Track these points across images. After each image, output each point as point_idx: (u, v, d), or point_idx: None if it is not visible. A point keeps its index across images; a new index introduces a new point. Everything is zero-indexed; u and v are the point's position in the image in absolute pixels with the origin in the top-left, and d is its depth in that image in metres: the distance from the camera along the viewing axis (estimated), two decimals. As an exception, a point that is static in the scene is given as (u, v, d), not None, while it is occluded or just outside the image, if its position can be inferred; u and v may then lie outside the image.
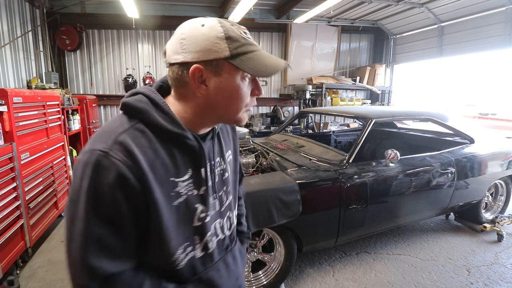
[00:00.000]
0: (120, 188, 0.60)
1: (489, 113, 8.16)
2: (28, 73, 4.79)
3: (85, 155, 0.62)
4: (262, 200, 1.91)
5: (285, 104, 7.09)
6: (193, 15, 5.91)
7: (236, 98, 0.70)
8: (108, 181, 0.59)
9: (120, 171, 0.60)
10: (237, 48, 0.65)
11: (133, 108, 0.68)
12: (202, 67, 0.65)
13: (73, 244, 0.61)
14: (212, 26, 0.65)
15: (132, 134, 0.64)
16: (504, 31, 4.95)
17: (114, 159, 0.60)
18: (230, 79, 0.68)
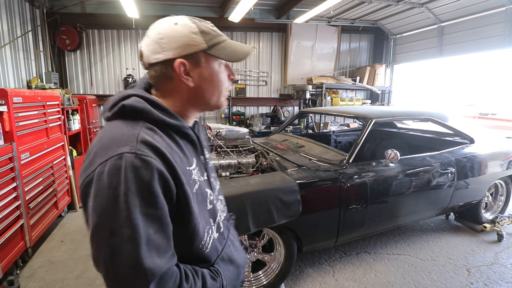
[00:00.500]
0: (160, 185, 0.62)
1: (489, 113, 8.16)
2: (28, 73, 4.79)
3: (111, 162, 0.60)
4: (262, 200, 1.91)
5: (285, 104, 7.09)
6: (193, 15, 5.86)
7: (218, 83, 0.79)
8: (151, 179, 0.60)
9: (158, 168, 0.62)
10: (212, 40, 0.74)
11: (136, 109, 0.69)
12: (185, 60, 0.72)
13: (122, 255, 0.59)
14: (185, 23, 0.72)
15: (147, 133, 0.67)
16: (504, 31, 4.95)
17: (147, 157, 0.61)
18: (210, 67, 0.76)
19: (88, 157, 0.66)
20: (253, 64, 7.04)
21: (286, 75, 7.15)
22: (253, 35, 6.91)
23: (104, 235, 0.60)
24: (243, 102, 7.08)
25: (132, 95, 0.72)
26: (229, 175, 2.52)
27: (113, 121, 0.71)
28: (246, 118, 7.05)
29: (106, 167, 0.60)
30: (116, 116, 0.71)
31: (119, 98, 0.72)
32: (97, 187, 0.60)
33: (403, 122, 4.53)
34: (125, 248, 0.58)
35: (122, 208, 0.58)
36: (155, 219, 0.62)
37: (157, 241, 0.62)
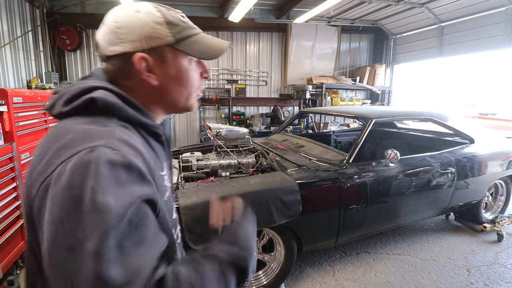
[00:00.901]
0: (141, 186, 0.51)
1: (489, 113, 8.17)
2: (28, 73, 4.79)
3: (77, 157, 0.47)
4: (262, 200, 1.91)
5: (285, 104, 7.09)
6: (193, 15, 5.92)
7: (187, 82, 0.68)
8: (133, 179, 0.50)
9: (137, 166, 0.51)
10: (180, 33, 0.64)
11: (108, 104, 0.58)
12: (146, 55, 0.61)
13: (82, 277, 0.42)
14: (148, 11, 0.61)
15: (124, 131, 0.57)
16: (504, 31, 4.95)
17: (128, 155, 0.51)
18: (177, 64, 0.65)
19: (40, 161, 0.52)
20: (253, 64, 7.04)
21: (286, 75, 7.15)
22: (253, 35, 6.91)
23: (60, 254, 0.44)
24: (243, 102, 7.08)
25: (97, 87, 0.59)
26: (229, 175, 2.52)
27: (72, 118, 0.57)
28: (246, 118, 7.05)
29: (68, 165, 0.46)
30: (77, 112, 0.57)
31: (80, 90, 0.58)
32: (53, 191, 0.46)
33: (403, 122, 4.53)
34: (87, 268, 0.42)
35: (86, 213, 0.43)
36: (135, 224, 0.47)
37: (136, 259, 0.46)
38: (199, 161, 2.59)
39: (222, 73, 6.87)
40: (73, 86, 0.60)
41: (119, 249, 0.44)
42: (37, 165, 0.53)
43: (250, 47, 6.94)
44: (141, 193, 0.50)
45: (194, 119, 6.92)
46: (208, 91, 6.77)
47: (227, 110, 6.91)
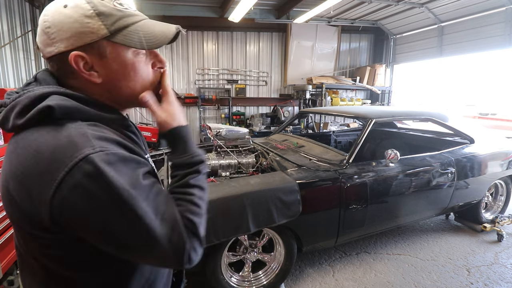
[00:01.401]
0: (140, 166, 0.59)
1: (489, 113, 8.16)
2: (28, 73, 4.79)
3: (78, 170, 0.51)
4: (262, 200, 1.91)
5: (285, 104, 7.09)
6: (193, 15, 5.92)
7: (135, 76, 0.63)
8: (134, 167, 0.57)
9: (131, 157, 0.58)
10: (115, 23, 0.58)
11: (68, 109, 0.56)
12: (82, 53, 0.58)
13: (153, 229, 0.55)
14: (76, 4, 0.57)
15: (95, 129, 0.57)
16: (504, 31, 4.95)
17: (113, 150, 0.55)
18: (119, 58, 0.61)
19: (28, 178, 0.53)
20: (253, 64, 7.04)
21: (286, 75, 7.15)
22: (253, 35, 6.91)
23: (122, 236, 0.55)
24: (243, 102, 7.08)
25: (48, 93, 0.56)
26: (229, 175, 2.52)
27: (31, 130, 0.55)
28: (246, 118, 7.05)
29: (77, 177, 0.50)
30: (35, 123, 0.55)
31: (31, 100, 0.56)
32: (83, 200, 0.51)
33: (403, 122, 4.53)
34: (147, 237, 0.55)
35: (124, 207, 0.53)
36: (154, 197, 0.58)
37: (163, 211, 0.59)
38: None
39: (222, 73, 6.87)
40: (22, 96, 0.57)
41: (155, 214, 0.56)
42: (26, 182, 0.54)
43: (250, 47, 6.94)
44: (143, 170, 0.59)
45: (194, 119, 6.91)
46: (208, 91, 6.77)
47: (227, 110, 6.91)
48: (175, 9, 5.81)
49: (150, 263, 0.64)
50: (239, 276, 2.23)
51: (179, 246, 0.58)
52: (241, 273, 2.25)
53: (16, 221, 0.60)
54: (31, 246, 0.61)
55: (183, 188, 0.66)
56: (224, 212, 1.81)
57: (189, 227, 0.61)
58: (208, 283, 2.10)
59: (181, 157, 0.69)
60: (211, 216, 1.77)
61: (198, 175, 0.69)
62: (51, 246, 0.59)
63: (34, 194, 0.53)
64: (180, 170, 0.68)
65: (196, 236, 0.62)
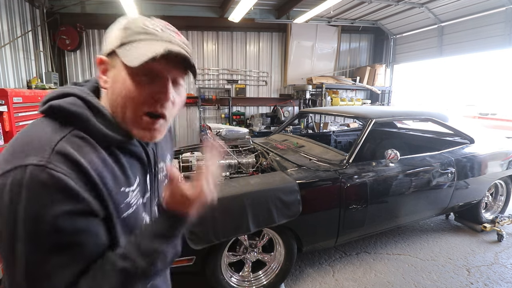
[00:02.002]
0: (72, 206, 0.52)
1: (489, 113, 8.16)
2: (28, 73, 4.79)
3: (14, 174, 0.50)
4: (262, 200, 1.91)
5: (285, 104, 7.09)
6: (193, 15, 5.92)
7: (124, 95, 0.60)
8: (59, 201, 0.51)
9: (70, 186, 0.51)
10: (127, 37, 0.60)
11: (68, 113, 0.58)
12: (105, 58, 0.63)
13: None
14: (122, 20, 0.64)
15: (72, 142, 0.55)
16: (504, 31, 4.95)
17: (56, 172, 0.51)
18: (120, 72, 0.61)
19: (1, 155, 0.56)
20: (253, 64, 7.04)
21: (286, 75, 7.15)
22: (253, 35, 6.91)
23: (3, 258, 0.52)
24: (243, 102, 7.08)
25: (71, 94, 0.61)
26: (229, 175, 2.52)
27: (42, 119, 0.60)
28: (246, 118, 7.05)
29: (8, 180, 0.50)
30: (47, 115, 0.60)
31: (56, 95, 0.61)
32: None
33: (403, 122, 4.53)
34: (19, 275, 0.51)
35: (19, 235, 0.49)
36: (60, 249, 0.52)
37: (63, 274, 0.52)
38: (199, 161, 2.59)
39: (222, 73, 6.87)
40: (57, 89, 0.64)
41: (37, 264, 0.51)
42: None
43: (250, 47, 6.94)
44: (68, 209, 0.52)
45: (194, 119, 6.92)
46: (208, 91, 6.77)
47: (227, 110, 6.91)
48: (175, 9, 5.82)
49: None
50: (239, 276, 2.23)
51: None
52: (241, 273, 2.25)
53: None
54: None
55: (111, 273, 0.56)
56: (224, 212, 1.81)
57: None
58: (208, 283, 2.10)
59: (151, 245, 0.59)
60: (211, 216, 1.78)
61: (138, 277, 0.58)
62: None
63: None
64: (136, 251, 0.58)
65: None
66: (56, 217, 0.50)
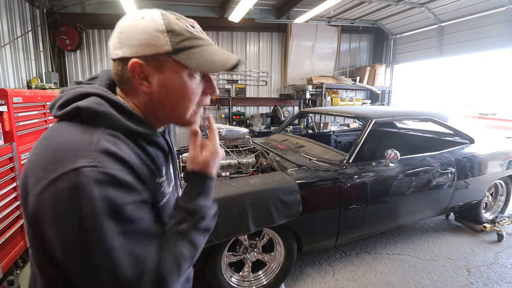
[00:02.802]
0: (131, 197, 0.55)
1: (489, 113, 8.15)
2: (28, 73, 4.79)
3: (67, 180, 0.50)
4: (262, 200, 1.91)
5: (285, 104, 7.09)
6: (193, 15, 5.92)
7: (183, 97, 0.65)
8: (121, 194, 0.53)
9: (125, 180, 0.54)
10: (181, 43, 0.61)
11: (95, 113, 0.58)
12: (142, 62, 0.61)
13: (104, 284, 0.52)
14: (152, 18, 0.61)
15: (109, 141, 0.57)
16: (504, 31, 4.95)
17: (108, 170, 0.52)
18: (175, 76, 0.63)
19: (33, 167, 0.55)
20: (253, 64, 7.04)
21: (286, 75, 7.15)
22: (253, 35, 6.91)
23: (79, 264, 0.52)
24: (243, 102, 7.08)
25: (91, 94, 0.61)
26: (229, 175, 2.52)
27: (63, 123, 0.59)
28: (246, 118, 7.05)
29: (63, 185, 0.50)
30: (67, 118, 0.59)
31: (74, 96, 0.60)
32: (55, 212, 0.50)
33: (403, 122, 4.53)
34: (106, 277, 0.52)
35: (92, 235, 0.50)
36: (134, 233, 0.55)
37: (138, 253, 0.55)
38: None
39: (222, 73, 6.87)
40: (72, 90, 0.62)
41: (126, 253, 0.53)
42: (29, 170, 0.56)
43: (250, 47, 6.94)
44: (134, 199, 0.56)
45: (194, 119, 6.91)
46: (208, 91, 6.77)
47: (227, 110, 6.91)
48: (175, 9, 5.73)
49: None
50: (239, 276, 2.23)
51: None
52: (241, 273, 2.25)
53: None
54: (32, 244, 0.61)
55: (177, 238, 0.63)
56: (224, 212, 1.81)
57: (156, 284, 0.56)
58: (208, 283, 2.10)
59: (189, 203, 0.67)
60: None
61: (197, 230, 0.65)
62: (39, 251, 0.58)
63: (29, 186, 0.54)
64: (180, 214, 0.66)
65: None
66: (123, 208, 0.53)
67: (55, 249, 0.53)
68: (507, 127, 6.89)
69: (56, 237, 0.52)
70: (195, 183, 0.69)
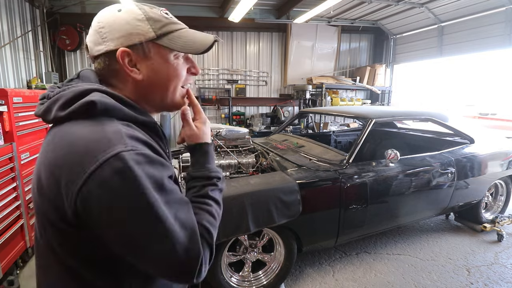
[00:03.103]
0: (166, 173, 0.61)
1: (489, 113, 8.15)
2: (28, 73, 4.79)
3: (109, 165, 0.52)
4: (262, 200, 1.91)
5: (285, 104, 7.09)
6: (193, 15, 5.92)
7: (173, 77, 0.70)
8: (160, 171, 0.59)
9: (156, 158, 0.60)
10: (162, 28, 0.65)
11: (107, 106, 0.60)
12: (129, 50, 0.64)
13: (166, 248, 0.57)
14: (130, 9, 0.65)
15: (127, 129, 0.61)
16: (504, 31, 4.95)
17: (142, 151, 0.57)
18: (162, 60, 0.67)
19: (60, 165, 0.56)
20: (253, 64, 7.04)
21: (286, 75, 7.15)
22: (253, 35, 6.91)
23: (142, 241, 0.56)
24: (243, 102, 7.08)
25: (92, 89, 0.61)
26: (229, 175, 2.52)
27: (71, 123, 0.59)
28: (246, 118, 7.05)
29: (106, 173, 0.52)
30: (76, 116, 0.59)
31: (74, 95, 0.60)
32: (106, 198, 0.53)
33: (403, 122, 4.53)
34: (165, 241, 0.56)
35: (147, 209, 0.54)
36: (174, 201, 0.61)
37: (183, 217, 0.61)
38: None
39: (222, 73, 6.87)
40: (66, 90, 0.62)
41: (175, 219, 0.58)
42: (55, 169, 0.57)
43: (250, 47, 6.94)
44: (167, 173, 0.61)
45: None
46: (208, 91, 6.77)
47: (227, 110, 6.91)
48: (175, 9, 5.81)
49: (161, 272, 0.60)
50: (239, 276, 2.23)
51: (194, 256, 0.60)
52: (241, 273, 2.25)
53: (43, 212, 0.61)
54: (52, 239, 0.62)
55: (202, 198, 0.72)
56: (224, 212, 1.80)
57: (205, 237, 0.64)
58: (208, 283, 2.10)
59: (202, 170, 0.76)
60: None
61: (216, 189, 0.75)
62: (71, 241, 0.60)
63: (62, 184, 0.55)
64: (199, 182, 0.75)
65: (210, 247, 0.65)
66: (162, 181, 0.58)
67: (109, 235, 0.56)
68: (507, 127, 6.89)
69: (112, 221, 0.55)
70: (200, 155, 0.78)
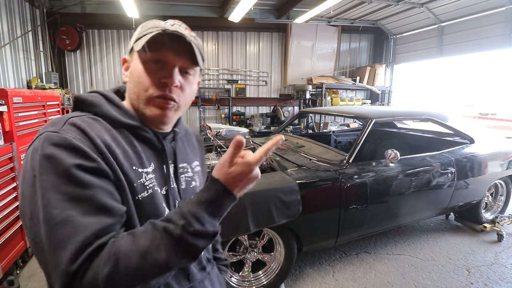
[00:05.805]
0: (82, 162, 0.57)
1: (489, 113, 8.15)
2: (28, 73, 4.79)
3: (35, 142, 0.61)
4: (262, 200, 1.91)
5: (285, 104, 7.09)
6: (193, 15, 5.92)
7: (137, 80, 0.70)
8: (68, 157, 0.57)
9: (77, 145, 0.58)
10: (142, 33, 0.71)
11: (85, 101, 0.70)
12: (127, 57, 0.76)
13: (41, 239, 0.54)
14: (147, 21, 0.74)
15: (84, 120, 0.65)
16: (504, 31, 4.95)
17: (67, 135, 0.59)
18: (136, 61, 0.72)
19: None
20: (253, 64, 7.04)
21: (286, 75, 7.15)
22: (253, 35, 6.91)
23: (25, 217, 0.57)
24: (243, 102, 7.08)
25: (94, 91, 0.74)
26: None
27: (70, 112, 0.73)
28: (246, 118, 7.05)
29: (30, 148, 0.61)
30: (72, 109, 0.73)
31: (86, 92, 0.75)
32: (23, 168, 0.61)
33: (403, 122, 4.53)
34: (42, 232, 0.53)
35: (37, 190, 0.55)
36: (76, 196, 0.55)
37: (84, 222, 0.54)
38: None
39: (222, 73, 6.87)
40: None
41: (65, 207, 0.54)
42: None
43: (250, 47, 6.94)
44: (77, 162, 0.57)
45: (194, 119, 6.92)
46: (208, 91, 6.77)
47: (227, 110, 6.91)
48: (175, 9, 5.82)
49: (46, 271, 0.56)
50: (239, 276, 2.23)
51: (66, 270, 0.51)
52: (241, 273, 2.25)
53: None
54: None
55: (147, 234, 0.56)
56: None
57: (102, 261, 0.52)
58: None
59: (192, 207, 0.58)
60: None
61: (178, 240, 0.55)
62: None
63: None
64: (175, 213, 0.58)
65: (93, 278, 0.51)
66: (68, 168, 0.56)
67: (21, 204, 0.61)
68: (507, 127, 6.89)
69: (21, 192, 0.60)
70: (214, 195, 0.59)
